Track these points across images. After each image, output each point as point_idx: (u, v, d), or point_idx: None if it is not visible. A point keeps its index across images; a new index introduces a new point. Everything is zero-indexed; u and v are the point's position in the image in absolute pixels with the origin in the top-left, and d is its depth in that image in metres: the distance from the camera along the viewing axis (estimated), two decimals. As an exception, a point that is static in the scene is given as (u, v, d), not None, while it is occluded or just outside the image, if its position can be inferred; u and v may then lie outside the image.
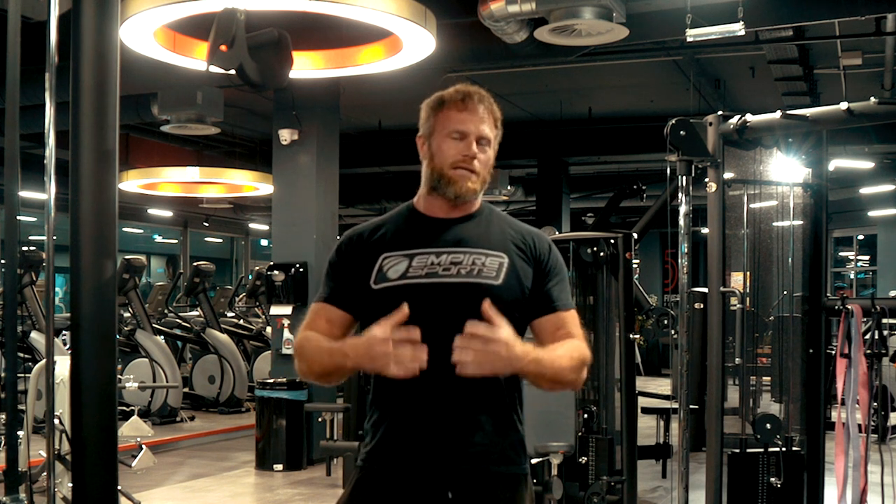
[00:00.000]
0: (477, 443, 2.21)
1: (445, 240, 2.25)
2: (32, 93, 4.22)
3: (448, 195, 2.25)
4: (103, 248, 3.14)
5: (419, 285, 2.20)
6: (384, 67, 6.43)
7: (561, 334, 2.26)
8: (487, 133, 2.25)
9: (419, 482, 2.22)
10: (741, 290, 4.82)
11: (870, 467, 4.49)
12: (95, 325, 3.12)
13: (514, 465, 2.29)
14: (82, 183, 3.12)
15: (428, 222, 2.28)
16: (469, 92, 2.26)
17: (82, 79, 3.11)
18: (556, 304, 2.28)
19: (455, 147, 2.23)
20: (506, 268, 2.23)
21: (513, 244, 2.28)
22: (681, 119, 4.62)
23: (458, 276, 2.20)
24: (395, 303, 2.12)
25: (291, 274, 8.52)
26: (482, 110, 2.25)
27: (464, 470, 2.21)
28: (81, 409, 3.11)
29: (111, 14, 3.17)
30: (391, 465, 2.24)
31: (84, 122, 3.12)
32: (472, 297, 2.15)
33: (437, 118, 2.27)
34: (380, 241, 2.27)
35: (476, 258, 2.23)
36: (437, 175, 2.25)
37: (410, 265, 2.21)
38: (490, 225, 2.30)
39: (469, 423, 2.21)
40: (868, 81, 9.65)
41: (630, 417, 5.62)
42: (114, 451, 3.18)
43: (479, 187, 2.26)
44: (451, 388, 2.16)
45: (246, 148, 13.41)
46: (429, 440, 2.21)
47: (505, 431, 2.26)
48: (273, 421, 8.18)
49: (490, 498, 2.24)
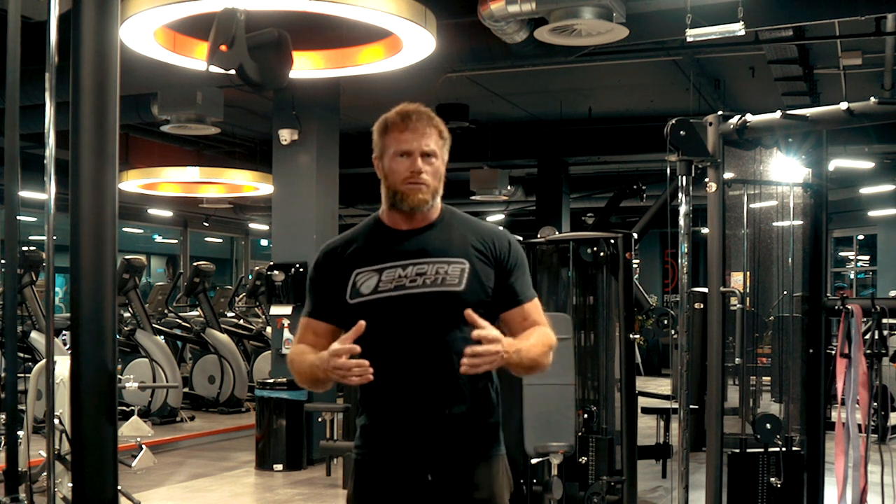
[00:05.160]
0: (452, 430, 2.44)
1: (409, 251, 2.46)
2: (32, 93, 4.22)
3: (404, 209, 2.45)
4: (103, 248, 3.14)
5: (389, 298, 2.43)
6: (384, 67, 6.43)
7: (527, 324, 2.50)
8: (432, 147, 2.44)
9: (402, 469, 2.46)
10: (741, 290, 4.82)
11: (870, 467, 4.49)
12: (95, 325, 3.12)
13: (490, 448, 2.50)
14: (82, 183, 3.12)
15: (392, 235, 2.49)
16: (408, 112, 2.45)
17: (82, 79, 3.11)
18: (520, 297, 2.51)
19: (402, 164, 2.43)
20: (467, 273, 2.44)
21: (473, 248, 2.48)
22: (681, 119, 4.62)
23: (423, 287, 2.42)
24: (369, 315, 2.38)
25: (291, 274, 8.52)
26: (422, 126, 2.44)
27: (441, 455, 2.44)
28: (81, 409, 3.11)
29: (111, 14, 3.17)
30: (377, 457, 2.49)
31: (84, 122, 3.12)
32: (438, 305, 2.42)
33: (384, 141, 2.47)
34: (352, 256, 2.50)
35: (439, 267, 2.44)
36: (392, 192, 2.46)
37: (380, 279, 2.44)
38: (451, 231, 2.50)
39: (444, 413, 2.43)
40: (868, 81, 9.66)
41: (630, 417, 5.62)
42: (114, 451, 3.18)
43: (430, 197, 2.46)
44: (425, 385, 2.42)
45: (246, 148, 13.42)
46: (408, 431, 2.45)
47: (479, 417, 2.47)
48: (273, 421, 8.18)
49: (467, 478, 2.46)
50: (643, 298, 10.29)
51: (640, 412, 6.62)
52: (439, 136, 2.47)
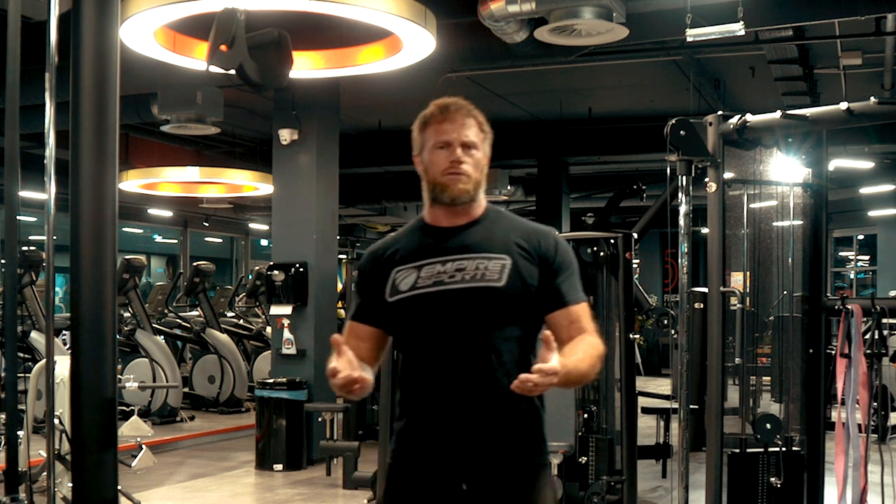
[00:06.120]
0: (490, 433, 2.31)
1: (450, 247, 2.38)
2: (32, 93, 4.21)
3: (445, 201, 2.38)
4: (103, 248, 3.14)
5: (427, 294, 2.34)
6: (384, 67, 6.43)
7: (574, 328, 2.36)
8: (471, 138, 2.39)
9: (435, 476, 2.33)
10: (741, 290, 4.82)
11: (870, 467, 4.49)
12: (95, 325, 3.12)
13: (533, 456, 2.36)
14: (82, 183, 3.12)
15: (434, 232, 2.42)
16: (447, 104, 2.42)
17: (82, 79, 3.11)
18: (566, 299, 2.38)
19: (441, 156, 2.38)
20: (508, 269, 2.34)
21: (516, 245, 2.38)
22: (681, 119, 4.62)
23: (462, 282, 2.33)
24: (408, 312, 2.35)
25: (291, 274, 8.52)
26: (461, 117, 2.39)
27: (479, 462, 2.30)
28: (81, 409, 3.11)
29: (111, 14, 3.17)
30: (410, 461, 2.39)
31: (84, 122, 3.12)
32: (477, 301, 2.32)
33: (423, 135, 2.43)
34: (392, 256, 2.43)
35: (479, 263, 2.34)
36: (433, 185, 2.40)
37: (419, 276, 2.36)
38: (494, 228, 2.41)
39: (485, 417, 2.31)
40: (868, 81, 9.65)
41: (630, 417, 5.62)
42: (114, 451, 3.18)
43: (473, 188, 2.39)
44: (462, 384, 2.31)
45: (246, 148, 13.41)
46: (442, 432, 2.33)
47: (520, 421, 2.34)
48: (273, 421, 8.18)
49: (506, 490, 2.31)
50: (643, 298, 10.29)
51: (640, 412, 6.61)
52: (479, 128, 2.41)
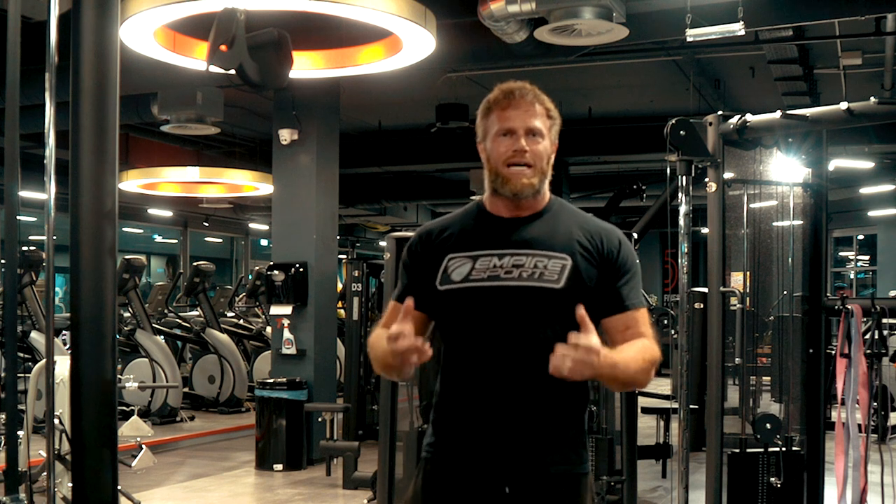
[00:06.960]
0: (537, 440, 2.24)
1: (509, 241, 2.26)
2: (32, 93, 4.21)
3: (506, 194, 2.26)
4: (103, 248, 3.13)
5: (481, 288, 2.23)
6: (384, 67, 6.43)
7: (630, 334, 2.27)
8: (537, 125, 2.25)
9: (477, 477, 2.24)
10: (741, 290, 4.82)
11: (870, 467, 4.48)
12: (95, 325, 3.11)
13: (575, 465, 2.29)
14: (82, 183, 3.12)
15: (494, 221, 2.30)
16: (512, 89, 2.27)
17: (82, 79, 3.11)
18: (626, 303, 2.29)
19: (504, 144, 2.24)
20: (568, 270, 2.23)
21: (578, 244, 2.27)
22: (681, 119, 4.61)
23: (519, 280, 2.22)
24: (457, 304, 2.24)
25: (291, 274, 8.52)
26: (526, 103, 2.25)
27: (522, 467, 2.23)
28: (81, 409, 3.11)
29: (111, 14, 3.17)
30: (450, 459, 2.28)
31: (84, 122, 3.11)
32: (532, 301, 2.21)
33: (486, 122, 2.29)
34: (447, 240, 2.32)
35: (538, 261, 2.23)
36: (494, 175, 2.27)
37: (474, 267, 2.25)
38: (557, 223, 2.29)
39: (529, 420, 2.23)
40: (868, 81, 9.66)
41: (630, 417, 5.62)
42: (114, 451, 3.18)
43: (537, 181, 2.26)
44: (509, 384, 2.22)
45: (246, 148, 13.42)
46: (489, 436, 2.24)
47: (566, 430, 2.28)
48: (273, 421, 8.18)
49: (548, 497, 2.24)
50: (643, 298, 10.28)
51: (640, 412, 6.61)
52: (546, 114, 2.27)
